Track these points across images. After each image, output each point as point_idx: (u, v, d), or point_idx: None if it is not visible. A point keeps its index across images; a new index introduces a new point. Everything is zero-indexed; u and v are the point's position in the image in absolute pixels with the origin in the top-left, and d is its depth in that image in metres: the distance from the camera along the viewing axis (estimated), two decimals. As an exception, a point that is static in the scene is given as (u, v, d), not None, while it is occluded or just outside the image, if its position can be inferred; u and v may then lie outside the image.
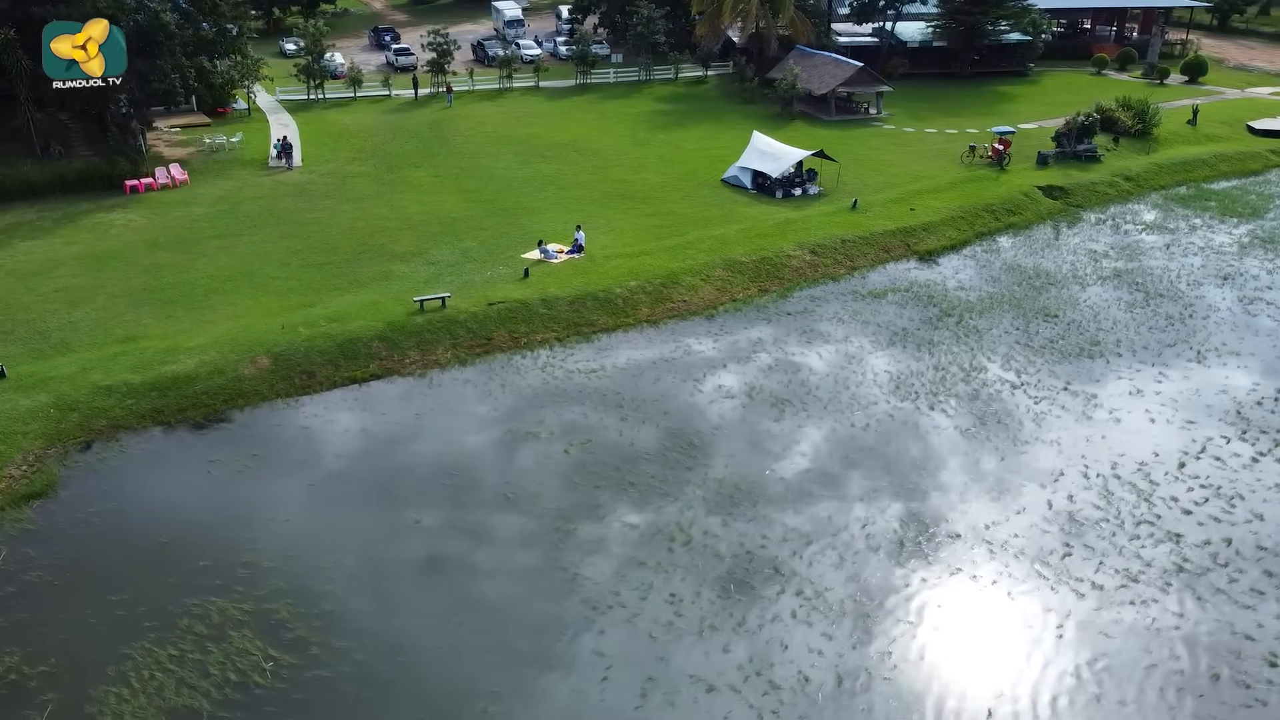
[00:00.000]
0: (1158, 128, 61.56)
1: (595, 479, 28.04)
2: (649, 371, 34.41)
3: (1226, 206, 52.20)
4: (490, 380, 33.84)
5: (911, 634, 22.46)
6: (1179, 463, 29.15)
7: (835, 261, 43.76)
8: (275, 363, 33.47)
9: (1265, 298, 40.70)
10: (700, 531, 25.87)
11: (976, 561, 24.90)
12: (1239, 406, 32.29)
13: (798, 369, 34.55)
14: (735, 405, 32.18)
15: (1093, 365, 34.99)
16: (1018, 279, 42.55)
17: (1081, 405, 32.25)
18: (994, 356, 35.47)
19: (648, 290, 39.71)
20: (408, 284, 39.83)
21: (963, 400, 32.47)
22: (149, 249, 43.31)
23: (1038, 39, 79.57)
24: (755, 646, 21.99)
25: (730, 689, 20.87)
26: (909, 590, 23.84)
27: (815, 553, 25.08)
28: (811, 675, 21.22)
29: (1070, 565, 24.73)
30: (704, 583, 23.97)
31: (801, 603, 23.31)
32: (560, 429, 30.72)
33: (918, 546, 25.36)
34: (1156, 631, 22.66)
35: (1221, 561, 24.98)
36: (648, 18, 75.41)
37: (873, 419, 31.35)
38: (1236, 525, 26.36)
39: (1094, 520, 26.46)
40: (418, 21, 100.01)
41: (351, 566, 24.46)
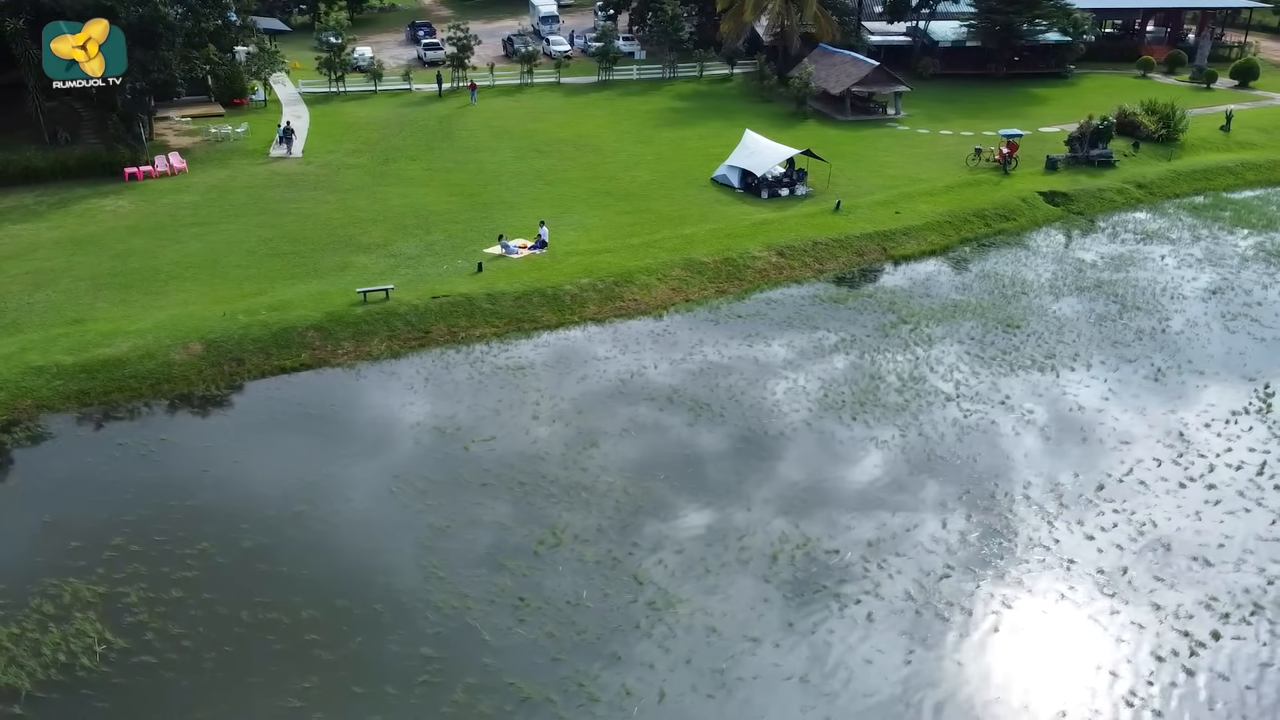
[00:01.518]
0: (1184, 133, 58.74)
1: (485, 478, 27.71)
2: (578, 370, 33.96)
3: (1241, 217, 49.53)
4: (416, 374, 33.78)
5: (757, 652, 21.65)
6: (1098, 484, 27.63)
7: (803, 264, 42.70)
8: (207, 349, 33.90)
9: (1251, 314, 38.44)
10: (571, 536, 25.35)
11: (845, 583, 23.91)
12: (1183, 428, 30.50)
13: (729, 373, 33.74)
14: (652, 407, 31.55)
15: (1040, 379, 33.44)
16: (990, 287, 40.95)
17: (1013, 421, 30.84)
18: (938, 367, 34.14)
19: (599, 288, 39.23)
20: (364, 275, 40.03)
21: (888, 411, 31.30)
22: (127, 235, 44.33)
23: (1078, 39, 76.61)
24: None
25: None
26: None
27: (675, 556, 24.39)
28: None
29: (944, 590, 23.59)
30: (582, 581, 23.49)
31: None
32: (469, 425, 30.48)
33: (785, 565, 24.45)
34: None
35: (1123, 599, 23.57)
36: (671, 14, 74.77)
37: (787, 428, 30.42)
38: (1140, 554, 24.85)
39: (985, 544, 25.19)
40: (461, 17, 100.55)
41: (215, 555, 24.53)
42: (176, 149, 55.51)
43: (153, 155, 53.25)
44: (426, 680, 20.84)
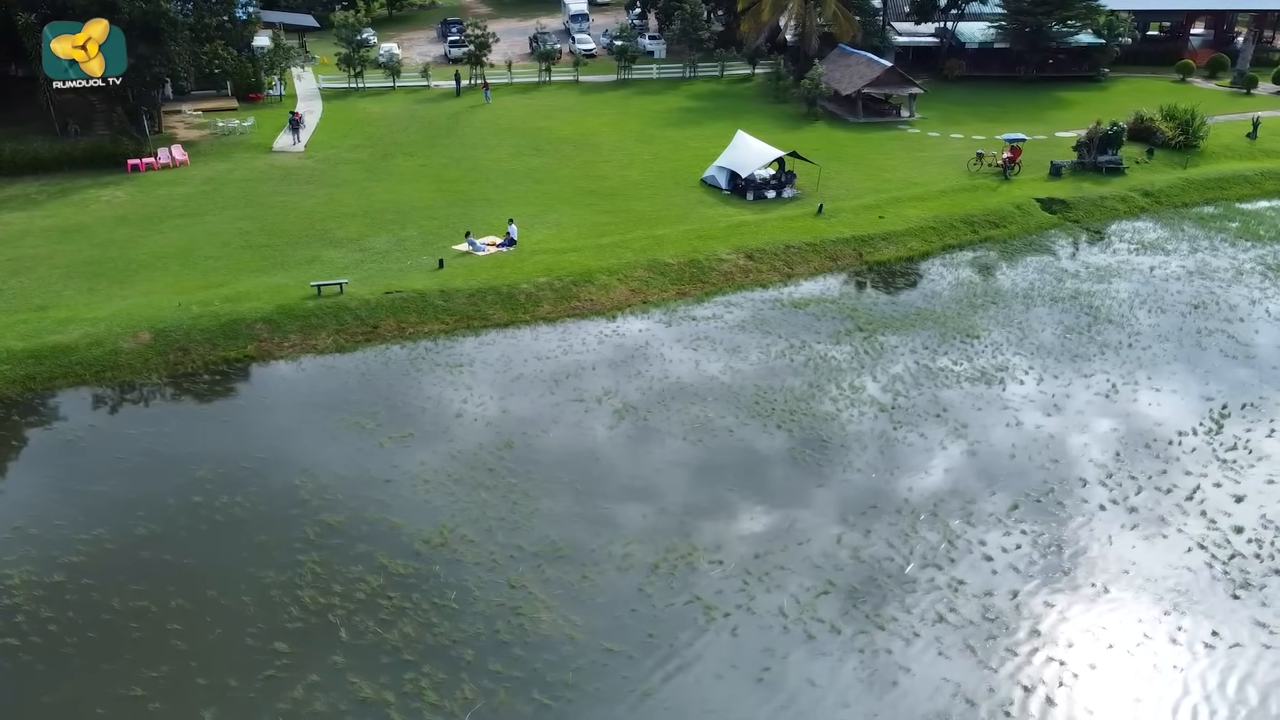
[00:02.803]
0: (1204, 140, 56.43)
1: (391, 474, 27.74)
2: (515, 369, 33.84)
3: (1249, 228, 47.40)
4: (355, 369, 34.00)
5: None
6: (1012, 504, 26.63)
7: (771, 268, 41.99)
8: (155, 338, 34.53)
9: (1228, 330, 36.73)
10: (459, 537, 25.22)
11: (721, 593, 23.38)
12: (1121, 448, 29.25)
13: (666, 377, 33.31)
14: (578, 409, 31.28)
15: (985, 391, 32.37)
16: (960, 295, 39.81)
17: (943, 434, 29.89)
18: (881, 376, 33.27)
19: (556, 288, 39.06)
20: (330, 269, 40.42)
21: (816, 421, 30.57)
22: (115, 224, 45.43)
23: (1112, 42, 74.14)
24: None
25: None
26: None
27: (555, 562, 24.11)
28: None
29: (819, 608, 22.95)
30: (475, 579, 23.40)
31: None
32: (390, 421, 30.54)
33: (665, 573, 24.00)
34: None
35: (1003, 624, 22.68)
36: (691, 13, 74.25)
37: (707, 435, 29.89)
38: (994, 595, 23.86)
39: (874, 564, 24.44)
40: (499, 15, 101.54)
41: (106, 541, 24.91)
42: (183, 142, 56.76)
43: (156, 147, 54.47)
44: (271, 675, 20.89)
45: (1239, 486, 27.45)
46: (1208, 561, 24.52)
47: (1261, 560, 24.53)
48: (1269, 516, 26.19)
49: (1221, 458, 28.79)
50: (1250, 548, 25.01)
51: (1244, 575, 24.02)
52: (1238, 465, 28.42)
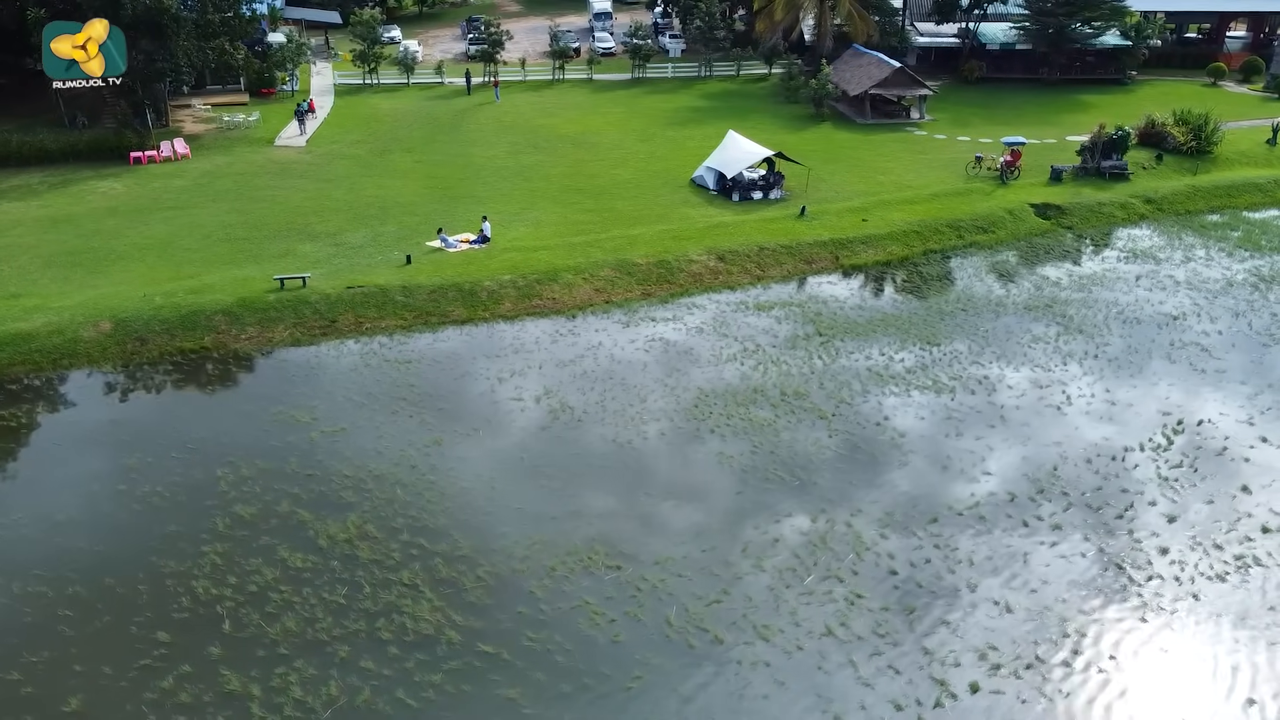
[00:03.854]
0: (1218, 146, 54.59)
1: (312, 468, 27.86)
2: (462, 368, 33.83)
3: (1251, 238, 45.71)
4: (305, 362, 34.27)
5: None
6: (932, 518, 25.91)
7: (742, 270, 41.48)
8: (115, 328, 35.12)
9: (1203, 344, 35.43)
10: (364, 534, 25.24)
11: (609, 599, 23.09)
12: (1061, 462, 28.34)
13: (610, 378, 33.04)
14: (514, 409, 31.16)
15: (933, 402, 31.60)
16: (930, 302, 38.96)
17: (880, 446, 29.20)
18: (826, 383, 32.64)
19: (519, 285, 38.99)
20: (303, 262, 40.78)
21: (751, 427, 30.07)
22: (104, 215, 46.34)
23: (1140, 44, 72.08)
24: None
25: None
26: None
27: (450, 562, 24.01)
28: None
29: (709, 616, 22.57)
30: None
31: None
32: (327, 416, 30.68)
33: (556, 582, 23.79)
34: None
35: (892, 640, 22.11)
36: (707, 12, 73.75)
37: (640, 436, 29.60)
38: (889, 610, 23.17)
39: (765, 579, 23.96)
40: (528, 13, 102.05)
41: (24, 526, 25.36)
42: (189, 135, 57.76)
43: (159, 140, 55.48)
44: (147, 665, 21.07)
45: (1175, 506, 26.40)
46: (1124, 584, 23.60)
47: (1180, 583, 23.55)
48: (1198, 538, 25.15)
49: (1164, 475, 27.72)
50: (1172, 570, 24.05)
51: (1157, 599, 23.09)
52: (1179, 484, 27.35)
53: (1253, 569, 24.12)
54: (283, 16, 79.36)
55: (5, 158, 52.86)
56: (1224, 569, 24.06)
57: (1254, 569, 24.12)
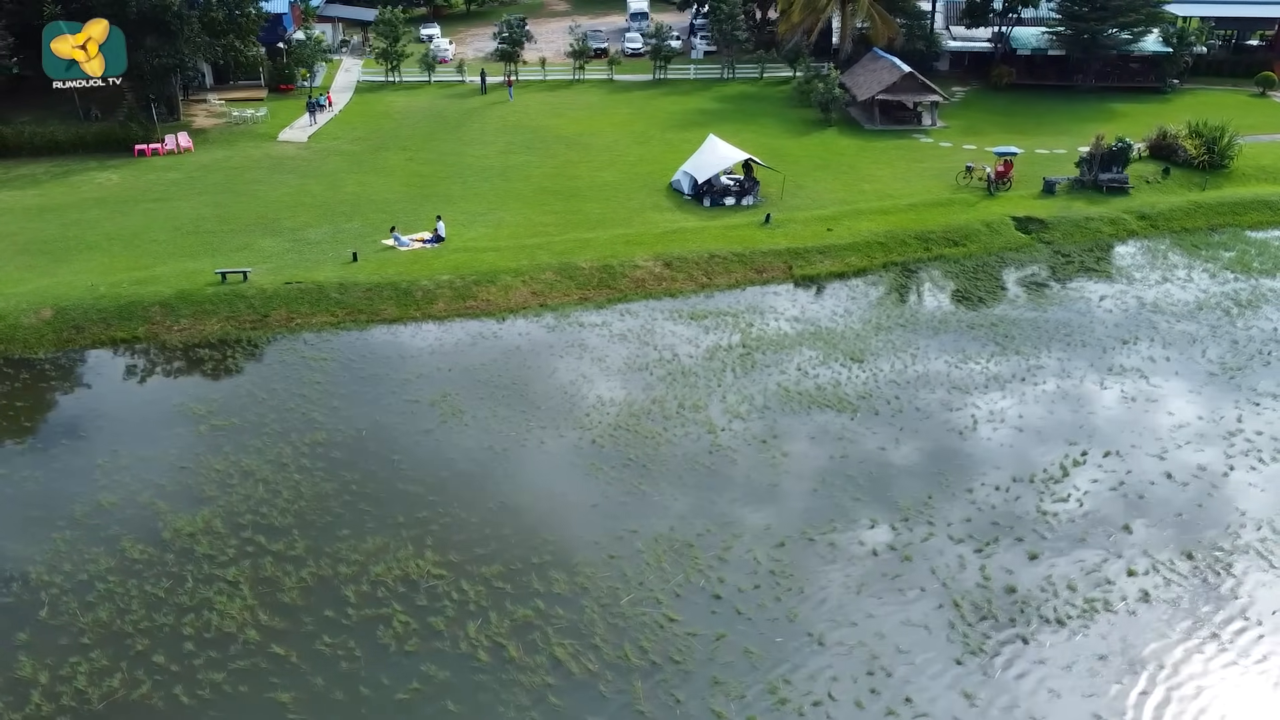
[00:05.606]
0: (1233, 160, 51.65)
1: (191, 461, 28.35)
2: (373, 368, 33.99)
3: (1243, 259, 43.07)
4: (225, 355, 34.88)
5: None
6: (779, 541, 25.08)
7: (688, 277, 40.81)
8: (56, 316, 36.34)
9: (1143, 370, 33.54)
10: (210, 529, 25.58)
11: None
12: (938, 489, 27.13)
13: (514, 384, 32.85)
14: (406, 410, 31.22)
15: (831, 420, 30.60)
16: (870, 316, 37.73)
17: (757, 465, 28.39)
18: (729, 397, 31.89)
19: (456, 286, 39.07)
20: (258, 257, 41.60)
21: (636, 439, 29.55)
22: (90, 206, 48.00)
23: (1181, 51, 68.63)
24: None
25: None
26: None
27: (292, 563, 24.15)
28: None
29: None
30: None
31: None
32: (222, 409, 31.20)
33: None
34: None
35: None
36: (729, 14, 72.86)
37: (518, 444, 29.35)
38: (724, 643, 22.41)
39: (577, 599, 23.48)
40: (575, 12, 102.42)
41: (-103, 504, 26.46)
42: (198, 130, 59.48)
43: (164, 134, 57.24)
44: (-47, 647, 21.70)
45: (1041, 544, 25.05)
46: (951, 621, 22.48)
47: (1006, 623, 22.33)
48: (1054, 578, 23.80)
49: (1044, 509, 26.31)
50: (985, 617, 22.80)
51: (966, 642, 21.93)
52: (1055, 519, 25.94)
53: (1101, 614, 22.70)
54: (318, 14, 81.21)
55: (18, 147, 55.20)
56: (1069, 612, 22.70)
57: (1102, 613, 22.69)
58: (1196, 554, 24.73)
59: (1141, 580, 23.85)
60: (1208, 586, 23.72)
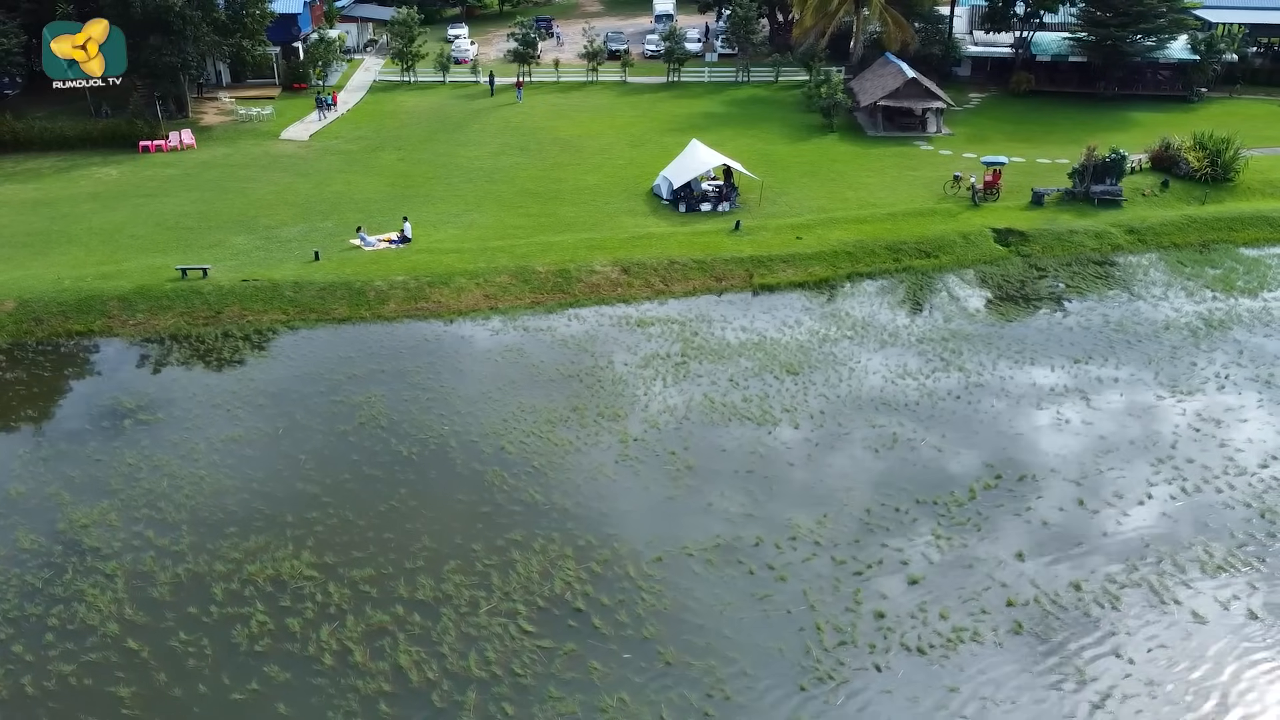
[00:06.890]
0: (1239, 173, 49.68)
1: (106, 454, 28.96)
2: (308, 366, 34.41)
3: (1228, 277, 41.34)
4: (171, 351, 35.57)
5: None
6: (657, 556, 24.74)
7: (645, 283, 40.53)
8: (18, 307, 37.44)
9: (1085, 390, 32.42)
10: (105, 522, 26.08)
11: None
12: (830, 510, 26.51)
13: (440, 388, 32.88)
14: (328, 411, 31.49)
15: (749, 433, 30.11)
16: (817, 328, 37.04)
17: (663, 476, 28.04)
18: (652, 406, 31.59)
19: (409, 287, 39.32)
20: (228, 253, 42.43)
21: (547, 447, 29.39)
22: (84, 201, 49.38)
23: (1210, 58, 66.24)
24: None
25: None
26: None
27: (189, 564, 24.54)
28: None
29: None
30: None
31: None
32: (151, 403, 31.80)
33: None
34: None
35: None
36: (744, 17, 72.31)
37: (421, 449, 29.38)
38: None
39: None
40: (606, 13, 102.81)
41: None
42: (205, 127, 60.82)
43: (169, 131, 58.63)
44: None
45: (927, 566, 24.30)
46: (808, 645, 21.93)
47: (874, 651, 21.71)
48: (927, 605, 23.07)
49: (945, 534, 25.56)
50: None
51: (838, 668, 21.37)
52: (947, 543, 25.17)
53: (967, 643, 21.96)
54: (342, 13, 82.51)
55: (29, 142, 57.07)
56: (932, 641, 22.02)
57: (969, 643, 21.96)
58: (1084, 586, 23.78)
59: (1018, 612, 23.01)
60: (1089, 620, 22.79)
